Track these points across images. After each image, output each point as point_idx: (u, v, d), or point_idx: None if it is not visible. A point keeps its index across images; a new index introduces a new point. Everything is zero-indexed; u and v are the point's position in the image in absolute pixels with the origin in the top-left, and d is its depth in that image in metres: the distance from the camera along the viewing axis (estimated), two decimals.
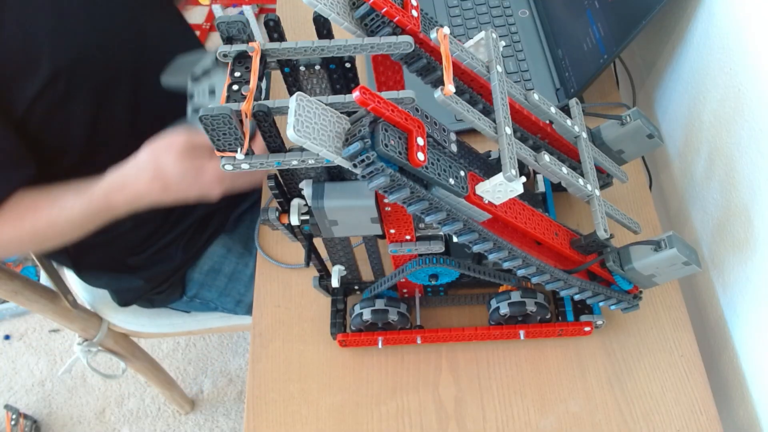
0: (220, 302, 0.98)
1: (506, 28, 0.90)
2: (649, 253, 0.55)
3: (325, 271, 0.66)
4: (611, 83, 0.86)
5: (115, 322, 1.03)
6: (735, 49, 0.62)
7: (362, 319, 0.64)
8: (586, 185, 0.55)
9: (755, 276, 0.63)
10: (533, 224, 0.52)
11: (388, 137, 0.38)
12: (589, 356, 0.67)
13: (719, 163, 0.67)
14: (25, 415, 1.42)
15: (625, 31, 0.72)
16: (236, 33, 0.47)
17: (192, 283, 0.97)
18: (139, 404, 1.45)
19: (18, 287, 0.87)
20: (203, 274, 0.96)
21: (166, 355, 1.51)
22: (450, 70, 0.44)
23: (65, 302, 0.94)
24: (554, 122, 0.58)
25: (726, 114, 0.65)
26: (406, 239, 0.55)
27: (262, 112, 0.42)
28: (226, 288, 0.97)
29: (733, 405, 0.70)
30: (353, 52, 0.47)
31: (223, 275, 0.96)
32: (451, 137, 0.45)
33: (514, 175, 0.44)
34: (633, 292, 0.61)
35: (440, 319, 0.71)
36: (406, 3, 0.47)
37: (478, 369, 0.67)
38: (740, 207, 0.64)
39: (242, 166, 0.43)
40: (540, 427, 0.64)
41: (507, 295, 0.63)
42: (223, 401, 1.45)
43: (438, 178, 0.42)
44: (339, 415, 0.66)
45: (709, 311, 0.73)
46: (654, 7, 0.68)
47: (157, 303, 1.00)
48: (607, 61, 0.76)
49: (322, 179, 0.51)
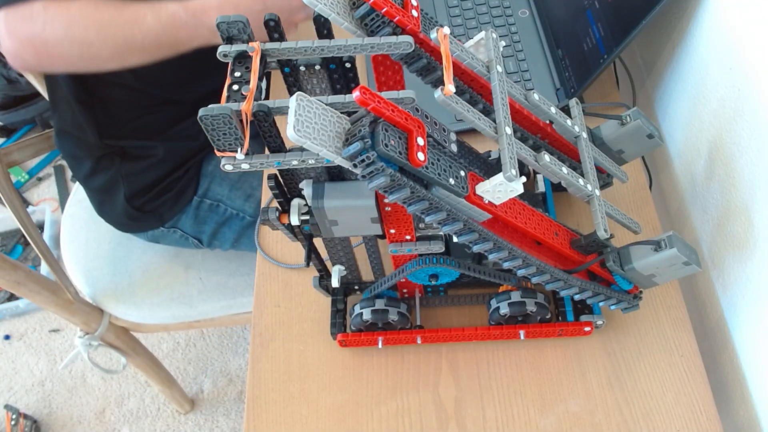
0: (229, 200, 0.99)
1: (506, 28, 0.90)
2: (649, 253, 0.55)
3: (325, 271, 0.66)
4: (611, 83, 0.86)
5: (116, 314, 1.04)
6: (735, 49, 0.62)
7: (362, 319, 0.64)
8: (586, 185, 0.55)
9: (755, 276, 0.63)
10: (533, 224, 0.52)
11: (388, 137, 0.38)
12: (589, 356, 0.67)
13: (719, 163, 0.67)
14: (25, 415, 1.42)
15: (625, 31, 0.72)
16: (236, 33, 0.47)
17: (204, 178, 0.99)
18: (139, 404, 1.45)
19: (20, 278, 0.87)
20: (217, 164, 0.97)
21: (166, 354, 1.52)
22: (450, 70, 0.44)
23: (67, 294, 0.95)
24: (554, 122, 0.58)
25: (726, 114, 0.65)
26: (406, 239, 0.55)
27: (262, 112, 0.42)
28: (238, 181, 0.98)
29: (733, 405, 0.70)
30: (353, 52, 0.47)
31: None
32: (451, 137, 0.45)
33: (514, 175, 0.44)
34: (633, 292, 0.61)
35: (440, 319, 0.71)
36: (406, 3, 0.47)
37: (478, 369, 0.67)
38: (740, 207, 0.64)
39: (242, 166, 0.43)
40: (540, 427, 0.64)
41: (507, 295, 0.64)
42: (223, 401, 1.45)
43: (438, 178, 0.42)
44: (339, 415, 0.66)
45: (709, 311, 0.73)
46: (654, 7, 0.68)
47: (165, 211, 1.00)
48: (607, 61, 0.76)
49: (322, 179, 0.51)
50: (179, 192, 0.99)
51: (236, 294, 1.04)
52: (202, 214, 1.00)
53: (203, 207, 1.00)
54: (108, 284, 1.04)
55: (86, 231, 1.08)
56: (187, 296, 1.04)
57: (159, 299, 1.04)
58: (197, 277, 1.05)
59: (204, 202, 1.00)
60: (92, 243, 1.08)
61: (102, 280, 1.05)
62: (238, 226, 1.00)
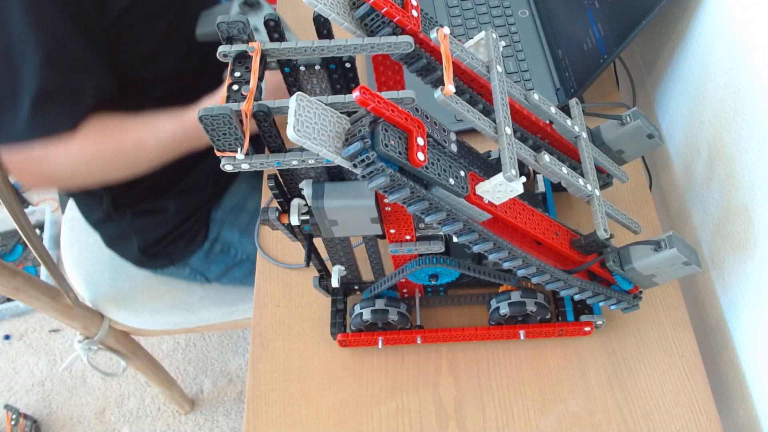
0: (241, 245, 0.98)
1: (506, 28, 0.90)
2: (649, 253, 0.55)
3: (325, 271, 0.66)
4: (611, 83, 0.86)
5: (117, 319, 1.03)
6: (735, 49, 0.62)
7: (362, 319, 0.64)
8: (586, 185, 0.55)
9: (755, 276, 0.63)
10: (533, 224, 0.52)
11: (388, 137, 0.38)
12: (589, 356, 0.67)
13: (719, 163, 0.67)
14: (25, 415, 1.42)
15: (625, 31, 0.72)
16: (236, 33, 0.47)
17: (213, 224, 0.99)
18: (139, 404, 1.45)
19: (20, 284, 0.87)
20: (226, 212, 0.98)
21: (166, 354, 1.52)
22: (450, 70, 0.44)
23: (67, 299, 0.94)
24: (554, 122, 0.58)
25: (726, 114, 0.65)
26: (406, 239, 0.55)
27: (262, 112, 0.42)
28: (248, 227, 0.98)
29: (733, 405, 0.70)
30: (353, 52, 0.47)
31: (246, 212, 0.98)
32: (451, 137, 0.45)
33: (514, 175, 0.44)
34: (633, 292, 0.61)
35: (440, 319, 0.71)
36: (406, 3, 0.47)
37: (478, 369, 0.67)
38: (740, 207, 0.64)
39: (242, 166, 0.43)
40: (540, 427, 0.64)
41: (507, 295, 0.63)
42: (223, 401, 1.45)
43: (438, 178, 0.42)
44: (339, 415, 0.66)
45: (709, 311, 0.73)
46: (654, 7, 0.68)
47: (176, 254, 1.00)
48: (607, 61, 0.76)
49: (322, 179, 0.51)
50: (190, 239, 0.99)
51: (237, 300, 1.04)
52: (213, 256, 1.01)
53: (215, 250, 1.00)
54: (109, 289, 1.04)
55: (86, 234, 1.07)
56: (188, 303, 1.04)
57: (160, 305, 1.03)
58: (198, 284, 1.05)
59: (215, 246, 1.00)
60: (93, 247, 1.07)
61: (102, 284, 1.04)
62: (249, 268, 1.00)
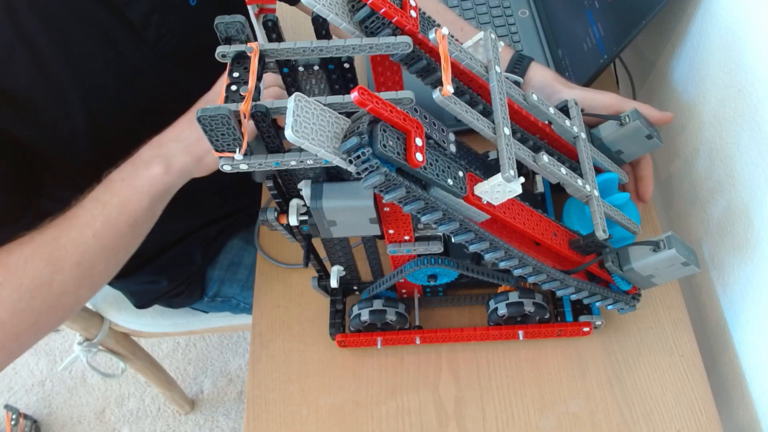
0: (242, 297, 0.97)
1: (506, 28, 0.90)
2: (648, 253, 0.55)
3: (323, 271, 0.66)
4: (611, 83, 0.86)
5: (117, 321, 1.03)
6: (735, 49, 0.62)
7: (361, 320, 0.64)
8: (584, 186, 0.55)
9: (755, 276, 0.63)
10: (532, 225, 0.52)
11: (386, 138, 0.38)
12: (589, 356, 0.67)
13: (719, 163, 0.67)
14: (25, 415, 1.43)
15: (625, 31, 0.72)
16: (235, 33, 0.47)
17: (212, 282, 0.96)
18: (139, 404, 1.45)
19: None
20: (223, 270, 0.96)
21: (166, 355, 1.52)
22: (448, 71, 0.44)
23: None
24: (553, 123, 0.58)
25: (726, 114, 0.64)
26: (404, 240, 0.55)
27: (260, 112, 0.41)
28: (248, 280, 0.96)
29: (733, 405, 0.70)
30: (352, 53, 0.46)
31: (243, 267, 0.95)
32: (450, 138, 0.45)
33: (513, 175, 0.44)
34: (632, 293, 0.61)
35: (439, 319, 0.71)
36: (405, 3, 0.47)
37: (478, 369, 0.67)
38: (740, 207, 0.64)
39: (241, 167, 0.43)
40: (540, 427, 0.64)
41: (505, 295, 0.63)
42: (223, 401, 1.45)
43: (436, 179, 0.42)
44: (339, 415, 0.66)
45: (709, 311, 0.73)
46: (654, 7, 0.68)
47: (176, 304, 0.99)
48: (607, 61, 0.75)
49: (320, 180, 0.51)
50: (188, 296, 0.97)
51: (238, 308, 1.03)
52: (216, 305, 1.00)
53: (215, 301, 0.99)
54: (109, 291, 1.02)
55: None
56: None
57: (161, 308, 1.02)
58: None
59: (216, 299, 0.98)
60: None
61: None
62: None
